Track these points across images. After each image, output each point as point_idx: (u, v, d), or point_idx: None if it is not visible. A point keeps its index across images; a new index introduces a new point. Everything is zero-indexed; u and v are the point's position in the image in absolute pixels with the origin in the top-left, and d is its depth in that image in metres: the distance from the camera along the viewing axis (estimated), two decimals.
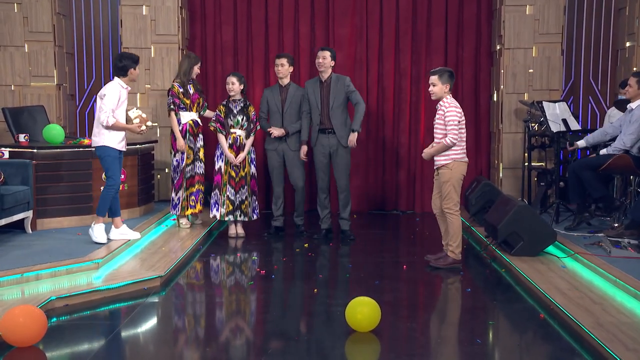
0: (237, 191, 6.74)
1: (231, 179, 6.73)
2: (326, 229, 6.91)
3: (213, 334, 4.30)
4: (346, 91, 6.62)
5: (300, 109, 6.82)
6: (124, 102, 5.90)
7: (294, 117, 6.85)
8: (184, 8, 8.36)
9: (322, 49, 6.70)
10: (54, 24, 7.97)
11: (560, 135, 6.84)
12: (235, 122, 6.70)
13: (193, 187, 6.93)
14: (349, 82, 6.68)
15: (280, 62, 6.79)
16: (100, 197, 5.92)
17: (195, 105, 6.89)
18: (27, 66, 7.99)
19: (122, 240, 5.98)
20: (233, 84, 6.68)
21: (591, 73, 8.58)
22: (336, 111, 6.63)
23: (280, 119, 6.85)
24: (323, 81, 6.66)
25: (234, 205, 6.75)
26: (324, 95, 6.67)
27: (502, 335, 4.35)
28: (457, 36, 8.53)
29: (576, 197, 6.48)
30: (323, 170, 6.81)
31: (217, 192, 6.74)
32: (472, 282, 5.40)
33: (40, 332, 3.86)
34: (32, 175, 6.30)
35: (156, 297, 4.91)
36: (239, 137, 6.73)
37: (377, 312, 4.10)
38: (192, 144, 6.88)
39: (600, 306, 4.38)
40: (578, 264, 5.49)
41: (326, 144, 6.72)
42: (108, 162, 5.84)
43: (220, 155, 6.77)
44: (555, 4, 8.01)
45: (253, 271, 5.63)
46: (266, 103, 6.91)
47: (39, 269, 5.01)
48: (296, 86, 6.97)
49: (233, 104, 6.73)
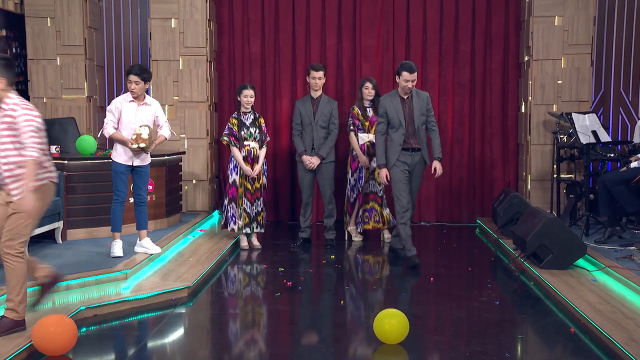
0: (253, 203, 6.77)
1: (247, 192, 6.75)
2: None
3: (238, 345, 4.30)
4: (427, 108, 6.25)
5: (330, 120, 6.96)
6: (131, 114, 5.79)
7: (324, 130, 6.97)
8: (212, 21, 8.44)
9: (413, 72, 6.07)
10: (85, 38, 8.11)
11: (590, 147, 6.76)
12: (248, 134, 6.72)
13: (367, 204, 7.13)
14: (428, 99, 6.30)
15: (318, 75, 6.93)
16: (111, 212, 5.93)
17: (373, 127, 6.94)
18: (59, 79, 8.13)
19: (144, 255, 5.93)
20: (252, 97, 6.71)
21: (622, 84, 8.47)
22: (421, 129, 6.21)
23: (311, 131, 6.95)
24: (405, 98, 6.18)
25: (250, 218, 6.77)
26: (406, 112, 6.18)
27: (532, 350, 4.29)
28: (485, 47, 8.49)
29: (606, 209, 6.39)
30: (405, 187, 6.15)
31: (234, 205, 6.77)
32: (500, 296, 5.34)
33: (71, 341, 3.91)
34: (63, 186, 6.40)
35: (183, 308, 4.93)
36: (253, 149, 6.74)
37: (406, 324, 4.07)
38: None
39: (633, 321, 4.30)
40: (609, 277, 5.40)
41: (410, 163, 6.16)
42: (112, 176, 5.87)
43: (233, 168, 6.77)
44: (585, 14, 7.93)
45: (279, 282, 5.63)
46: (299, 115, 7.01)
47: (69, 279, 5.06)
48: (327, 98, 7.08)
49: (244, 116, 6.75)
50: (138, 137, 5.72)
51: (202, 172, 8.35)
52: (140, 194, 5.96)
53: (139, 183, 5.94)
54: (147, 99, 5.91)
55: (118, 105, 5.82)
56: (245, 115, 6.75)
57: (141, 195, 5.96)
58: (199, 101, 8.27)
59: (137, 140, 5.72)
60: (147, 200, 6.04)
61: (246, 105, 6.70)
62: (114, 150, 5.89)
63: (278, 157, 8.67)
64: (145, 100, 5.89)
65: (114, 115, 5.80)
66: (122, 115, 5.81)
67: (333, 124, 7.00)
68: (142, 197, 5.96)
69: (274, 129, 8.55)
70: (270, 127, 8.44)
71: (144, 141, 5.73)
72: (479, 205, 8.51)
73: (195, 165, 8.32)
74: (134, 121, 5.80)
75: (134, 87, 5.75)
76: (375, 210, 7.11)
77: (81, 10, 8.04)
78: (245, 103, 6.70)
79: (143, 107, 5.86)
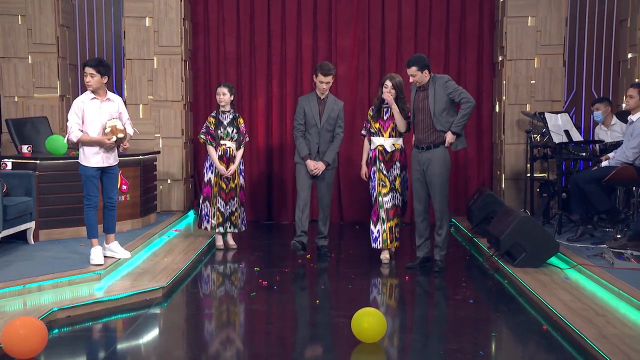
0: (227, 203, 6.72)
1: (221, 191, 6.69)
2: (423, 257, 6.12)
3: (214, 345, 4.29)
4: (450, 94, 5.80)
5: (336, 122, 6.41)
6: (94, 112, 5.49)
7: (330, 133, 6.44)
8: (187, 20, 8.39)
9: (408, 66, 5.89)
10: (57, 36, 8.01)
11: (563, 146, 6.84)
12: (225, 133, 6.64)
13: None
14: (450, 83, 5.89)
15: (327, 80, 6.28)
16: (84, 218, 5.64)
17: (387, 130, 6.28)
18: (30, 77, 8.02)
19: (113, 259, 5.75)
20: (224, 95, 6.60)
21: (593, 84, 8.59)
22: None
23: (317, 133, 6.39)
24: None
25: (224, 217, 6.72)
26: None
27: (505, 347, 4.34)
28: (460, 47, 8.56)
29: (578, 208, 6.47)
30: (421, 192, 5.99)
31: (208, 204, 6.72)
32: (475, 294, 5.38)
33: (41, 344, 3.85)
34: (35, 186, 6.31)
35: (158, 308, 4.90)
36: (229, 149, 6.69)
37: (383, 323, 4.08)
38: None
39: (604, 318, 4.37)
40: (581, 275, 5.47)
41: (418, 161, 5.94)
42: (82, 180, 5.55)
43: (209, 167, 6.70)
44: (557, 15, 8.03)
45: (255, 282, 5.62)
46: (303, 114, 6.41)
47: (41, 280, 5.00)
48: (334, 98, 6.50)
49: (223, 115, 6.67)
50: (114, 129, 5.45)
51: (177, 171, 8.30)
52: (111, 197, 5.71)
53: (110, 186, 5.69)
54: (110, 95, 5.62)
55: (80, 104, 5.47)
56: (224, 114, 6.68)
57: (112, 199, 5.72)
58: (174, 100, 8.21)
59: (114, 132, 5.45)
60: (117, 203, 5.84)
61: (221, 104, 6.63)
62: (82, 154, 5.55)
63: (254, 156, 8.65)
64: (108, 96, 5.60)
65: (78, 116, 5.46)
66: (86, 115, 5.48)
67: (339, 127, 6.45)
68: (113, 201, 5.74)
69: (250, 128, 8.52)
70: (247, 127, 8.36)
71: (121, 131, 5.48)
72: (454, 204, 8.56)
73: (170, 165, 8.26)
74: (98, 119, 5.50)
75: (89, 80, 5.43)
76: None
77: (53, 8, 7.95)
78: (219, 101, 6.63)
79: (106, 103, 5.58)
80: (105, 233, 5.81)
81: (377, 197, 6.09)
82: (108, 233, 5.80)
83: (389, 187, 6.08)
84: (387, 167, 6.12)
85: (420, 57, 5.90)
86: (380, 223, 6.06)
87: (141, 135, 7.82)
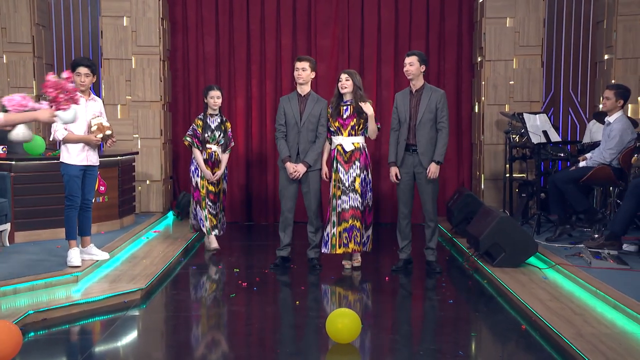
0: (214, 205, 6.70)
1: (210, 193, 6.66)
2: (405, 259, 6.05)
3: (193, 347, 4.25)
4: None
5: (318, 122, 5.97)
6: (81, 112, 5.19)
7: (312, 133, 6.00)
8: (165, 19, 8.33)
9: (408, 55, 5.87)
10: (33, 35, 7.90)
11: (541, 146, 6.89)
12: (212, 137, 6.59)
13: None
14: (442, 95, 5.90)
15: (302, 65, 5.91)
16: (64, 219, 5.56)
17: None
18: (5, 77, 7.90)
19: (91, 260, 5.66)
20: (218, 98, 6.56)
21: (571, 85, 8.67)
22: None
23: (297, 133, 5.98)
24: (414, 92, 5.87)
25: (217, 219, 6.71)
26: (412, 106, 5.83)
27: (485, 347, 4.35)
28: (439, 48, 8.59)
29: (557, 208, 6.52)
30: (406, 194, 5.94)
31: (199, 208, 6.68)
32: (454, 294, 5.40)
33: (15, 348, 3.76)
34: (10, 187, 6.22)
35: (137, 310, 4.85)
36: (214, 153, 6.64)
37: (358, 323, 4.08)
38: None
39: (581, 317, 4.40)
40: (559, 275, 5.51)
41: (410, 163, 5.85)
42: (64, 180, 5.45)
43: (194, 171, 6.66)
44: (535, 16, 8.09)
45: (235, 283, 5.58)
46: (283, 114, 6.03)
47: (17, 282, 4.92)
48: (317, 96, 6.09)
49: (211, 119, 6.61)
50: (100, 127, 5.41)
51: (156, 172, 8.23)
52: (88, 198, 5.63)
53: (89, 186, 5.61)
54: (92, 95, 5.60)
55: None
56: (211, 117, 6.61)
57: (89, 200, 5.64)
58: (153, 101, 8.15)
59: (101, 129, 5.41)
60: (92, 204, 5.75)
61: (214, 107, 6.57)
62: (65, 153, 5.46)
63: (233, 158, 8.60)
64: (92, 96, 5.57)
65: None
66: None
67: (322, 126, 5.96)
68: (89, 202, 5.65)
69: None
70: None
71: (108, 128, 5.45)
72: None
73: (149, 166, 8.20)
74: (84, 118, 5.40)
75: (84, 80, 5.39)
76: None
77: (28, 7, 7.84)
78: (213, 104, 6.56)
79: (91, 102, 5.54)
80: (80, 236, 5.68)
81: (330, 199, 5.91)
82: (84, 235, 5.69)
83: (348, 188, 5.82)
84: (346, 168, 5.86)
85: (422, 52, 6.06)
86: (330, 226, 5.86)
87: (119, 135, 7.73)
